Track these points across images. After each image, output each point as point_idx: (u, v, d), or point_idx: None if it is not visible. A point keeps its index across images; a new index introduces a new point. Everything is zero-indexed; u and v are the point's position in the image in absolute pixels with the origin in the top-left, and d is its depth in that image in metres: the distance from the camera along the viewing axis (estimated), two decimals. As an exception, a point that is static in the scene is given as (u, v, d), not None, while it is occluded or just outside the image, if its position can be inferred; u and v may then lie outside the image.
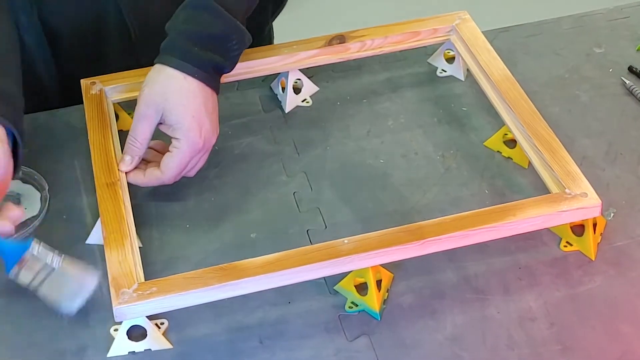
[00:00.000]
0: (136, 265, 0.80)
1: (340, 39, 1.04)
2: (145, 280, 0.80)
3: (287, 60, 1.02)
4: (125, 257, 0.80)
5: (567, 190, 0.85)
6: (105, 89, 0.98)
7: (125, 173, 0.90)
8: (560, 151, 0.89)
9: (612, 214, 0.91)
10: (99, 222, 0.88)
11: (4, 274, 0.86)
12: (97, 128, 0.94)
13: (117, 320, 0.77)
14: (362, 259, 0.80)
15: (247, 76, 1.01)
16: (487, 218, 0.83)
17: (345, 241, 0.80)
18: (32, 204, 0.93)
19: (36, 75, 1.07)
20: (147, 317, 0.78)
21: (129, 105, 1.04)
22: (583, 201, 0.84)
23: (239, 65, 0.93)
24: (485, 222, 0.82)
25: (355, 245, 0.80)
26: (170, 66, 0.88)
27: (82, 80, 0.99)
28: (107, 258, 0.80)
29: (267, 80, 1.08)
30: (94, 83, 0.99)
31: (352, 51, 1.04)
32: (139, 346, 0.80)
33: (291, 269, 0.78)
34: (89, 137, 0.93)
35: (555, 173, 0.87)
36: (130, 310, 0.77)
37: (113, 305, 0.76)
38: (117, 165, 0.90)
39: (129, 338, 0.79)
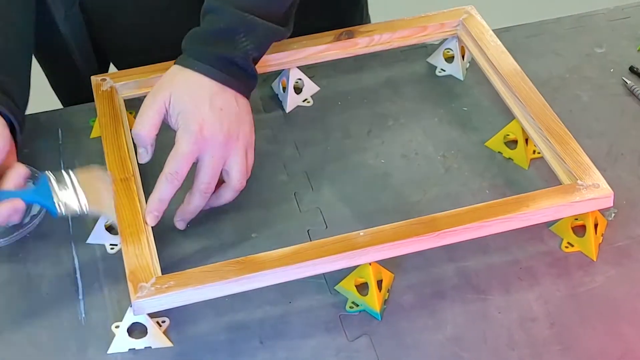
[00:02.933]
0: (153, 259, 0.80)
1: (349, 34, 1.04)
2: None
3: (297, 56, 1.03)
4: (142, 251, 0.80)
5: (579, 182, 0.85)
6: (116, 86, 0.98)
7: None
8: (571, 143, 0.89)
9: (613, 214, 0.91)
10: (99, 222, 0.88)
11: (4, 272, 0.86)
12: (110, 124, 0.94)
13: (135, 314, 0.77)
14: (378, 251, 0.80)
15: (260, 71, 0.99)
16: (501, 209, 0.83)
17: (361, 233, 0.81)
18: (33, 203, 0.93)
19: (74, 65, 1.11)
20: (148, 314, 0.78)
21: (131, 105, 1.04)
22: (595, 191, 0.84)
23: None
24: (499, 213, 0.82)
25: (371, 238, 0.80)
26: (177, 64, 0.90)
27: (92, 78, 1.00)
28: (124, 252, 0.80)
29: (268, 80, 1.08)
30: (104, 80, 0.99)
31: (360, 46, 1.05)
32: (139, 343, 0.80)
33: (308, 262, 0.78)
34: (101, 134, 0.93)
35: (567, 165, 0.87)
36: (149, 304, 0.77)
37: (131, 299, 0.76)
38: (131, 161, 0.90)
39: (129, 335, 0.79)
